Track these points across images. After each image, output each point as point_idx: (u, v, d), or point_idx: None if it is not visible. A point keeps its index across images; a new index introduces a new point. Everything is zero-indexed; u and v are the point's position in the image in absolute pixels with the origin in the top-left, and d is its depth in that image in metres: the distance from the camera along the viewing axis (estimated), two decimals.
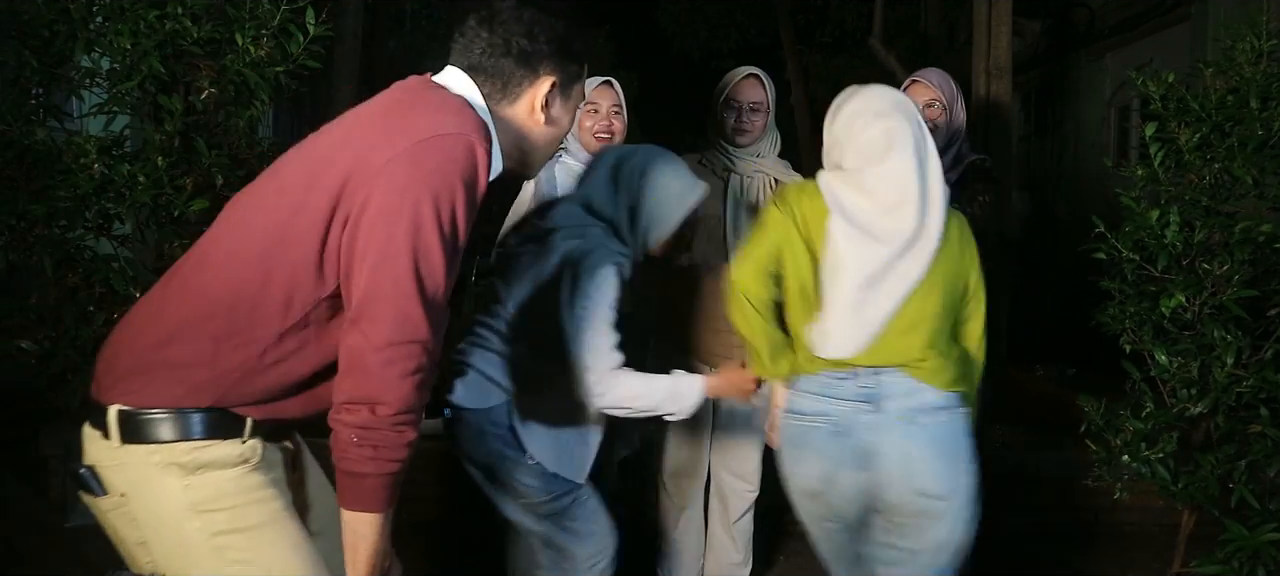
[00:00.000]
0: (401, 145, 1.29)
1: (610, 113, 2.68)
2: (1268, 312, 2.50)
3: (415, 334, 1.27)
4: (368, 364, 1.27)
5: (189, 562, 1.36)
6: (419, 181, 1.27)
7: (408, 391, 1.28)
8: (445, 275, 1.30)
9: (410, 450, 1.32)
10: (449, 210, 1.28)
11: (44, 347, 2.56)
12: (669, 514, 2.89)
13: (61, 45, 2.59)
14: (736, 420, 2.85)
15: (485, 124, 1.38)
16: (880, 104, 1.95)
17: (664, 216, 2.19)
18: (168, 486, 1.33)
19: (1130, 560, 3.26)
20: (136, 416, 1.33)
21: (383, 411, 1.27)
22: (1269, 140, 2.43)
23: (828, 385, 1.95)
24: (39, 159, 2.57)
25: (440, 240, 1.28)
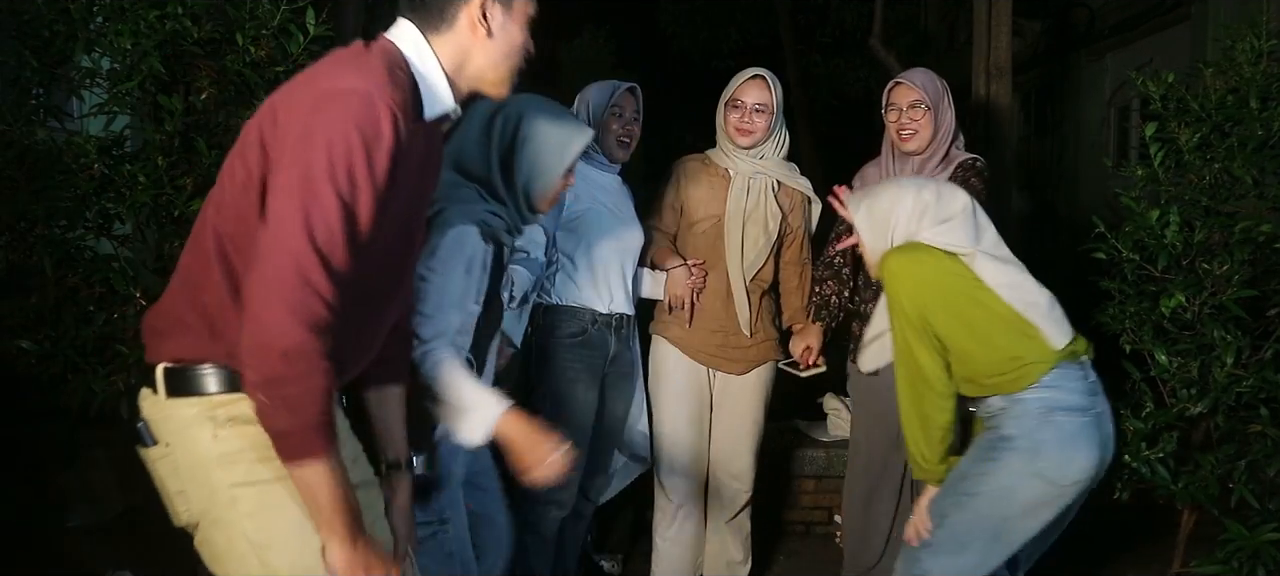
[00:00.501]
0: (302, 106, 1.34)
1: (632, 120, 2.71)
2: (1267, 312, 2.50)
3: (307, 280, 1.28)
4: (258, 312, 1.29)
5: (211, 511, 1.45)
6: (313, 136, 1.31)
7: (301, 337, 1.28)
8: (343, 226, 1.31)
9: (327, 397, 1.33)
10: (345, 163, 1.30)
11: (44, 347, 2.56)
12: (665, 512, 2.89)
13: (61, 45, 2.59)
14: (732, 419, 2.85)
15: (401, 77, 1.42)
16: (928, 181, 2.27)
17: (545, 167, 1.99)
18: (200, 437, 1.43)
19: (1130, 560, 3.26)
20: (177, 372, 1.44)
21: (278, 361, 1.28)
22: (1269, 140, 2.43)
23: (1074, 379, 2.06)
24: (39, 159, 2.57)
25: (335, 192, 1.30)
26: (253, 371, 1.31)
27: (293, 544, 1.44)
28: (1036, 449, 2.01)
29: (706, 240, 2.76)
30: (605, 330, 2.64)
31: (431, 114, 1.49)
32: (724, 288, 2.75)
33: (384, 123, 1.33)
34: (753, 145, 2.74)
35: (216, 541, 1.46)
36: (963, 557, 2.08)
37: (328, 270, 1.30)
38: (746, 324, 2.75)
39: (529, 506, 2.59)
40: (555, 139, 2.00)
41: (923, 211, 2.13)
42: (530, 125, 1.99)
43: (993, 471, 2.04)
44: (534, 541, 2.61)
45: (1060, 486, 2.03)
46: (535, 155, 1.99)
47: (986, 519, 2.06)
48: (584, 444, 2.58)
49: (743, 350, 2.79)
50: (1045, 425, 2.02)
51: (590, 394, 2.61)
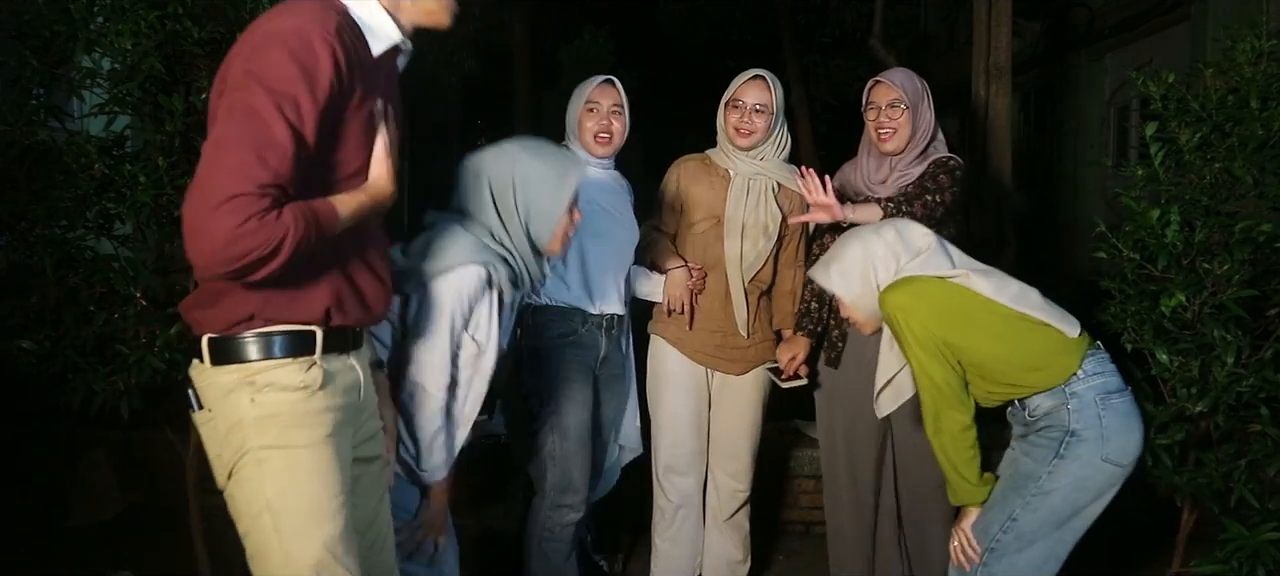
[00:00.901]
0: (242, 54, 1.44)
1: (610, 113, 2.67)
2: (1267, 312, 2.50)
3: (238, 189, 1.34)
4: (199, 225, 1.35)
5: (240, 469, 1.53)
6: (253, 76, 1.40)
7: (232, 254, 1.35)
8: (290, 144, 1.39)
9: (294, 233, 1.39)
10: (289, 93, 1.40)
11: (44, 347, 2.56)
12: (664, 511, 2.89)
13: (62, 46, 2.59)
14: (730, 419, 2.85)
15: (336, 16, 1.49)
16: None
17: (544, 209, 2.07)
18: (240, 402, 1.52)
19: (1130, 560, 3.26)
20: (219, 342, 1.53)
21: (231, 262, 1.36)
22: (1269, 140, 2.43)
23: (1105, 362, 2.16)
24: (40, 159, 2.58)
25: (283, 121, 1.38)
26: (211, 273, 1.39)
27: (304, 515, 1.52)
28: (1104, 436, 2.08)
29: (706, 240, 2.76)
30: (596, 330, 2.64)
31: (378, 49, 1.58)
32: (723, 288, 2.75)
33: (322, 54, 1.42)
34: (752, 146, 2.74)
35: (238, 498, 1.55)
36: (1030, 552, 2.13)
37: (276, 187, 1.37)
38: (744, 325, 2.75)
39: (541, 512, 2.59)
40: (552, 175, 2.07)
41: (894, 252, 2.20)
42: (522, 168, 2.06)
43: (1064, 467, 2.09)
44: (554, 547, 2.60)
45: (1125, 466, 2.11)
46: (533, 195, 2.06)
47: (1058, 511, 2.11)
48: (583, 443, 2.57)
49: (741, 351, 2.79)
50: (1106, 411, 2.09)
51: (584, 393, 2.61)
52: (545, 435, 2.58)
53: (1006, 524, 2.13)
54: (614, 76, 2.73)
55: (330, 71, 1.43)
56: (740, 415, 2.84)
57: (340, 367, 1.61)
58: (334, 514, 1.54)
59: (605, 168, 2.72)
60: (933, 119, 2.67)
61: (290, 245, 1.39)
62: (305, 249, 1.42)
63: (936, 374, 2.11)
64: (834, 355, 2.70)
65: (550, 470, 2.57)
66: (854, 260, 2.23)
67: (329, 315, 1.57)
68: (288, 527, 1.51)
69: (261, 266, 1.38)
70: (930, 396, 2.14)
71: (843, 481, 2.77)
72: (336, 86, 1.45)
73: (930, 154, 2.65)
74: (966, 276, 2.16)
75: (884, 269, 2.20)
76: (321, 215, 1.46)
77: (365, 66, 1.53)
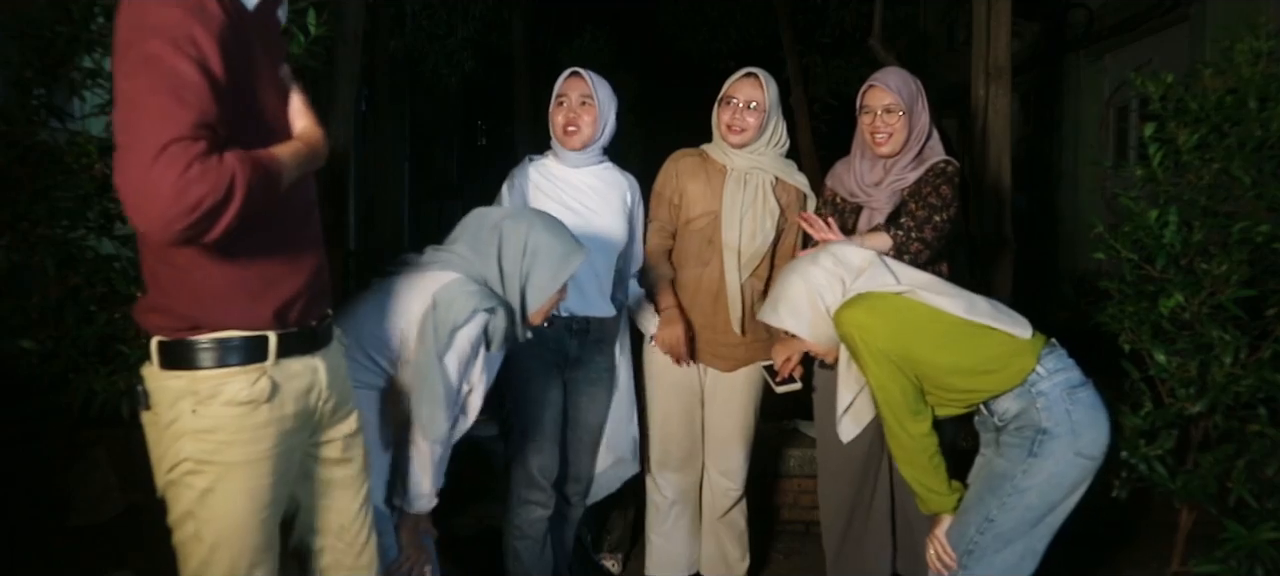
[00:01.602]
0: (124, 25, 1.35)
1: (578, 104, 2.63)
2: (1266, 312, 2.50)
3: (171, 136, 1.26)
4: (140, 186, 1.27)
5: (174, 475, 1.52)
6: (140, 27, 1.32)
7: (185, 204, 1.27)
8: (203, 79, 1.32)
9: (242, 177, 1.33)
10: (182, 32, 1.32)
11: (45, 347, 2.57)
12: (658, 507, 2.90)
13: (63, 46, 2.59)
14: (723, 417, 2.85)
15: None
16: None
17: (543, 282, 2.17)
18: (182, 410, 1.50)
19: (1129, 560, 3.26)
20: (167, 346, 1.51)
21: (167, 211, 1.27)
22: (1267, 141, 2.43)
23: (1064, 357, 2.18)
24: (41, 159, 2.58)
25: (181, 52, 1.31)
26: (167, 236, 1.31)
27: (229, 531, 1.53)
28: (1075, 430, 2.09)
29: (703, 236, 2.76)
30: (563, 332, 2.62)
31: (253, 1, 1.50)
32: (717, 283, 2.75)
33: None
34: (744, 144, 2.73)
35: (170, 497, 1.55)
36: (1007, 551, 2.14)
37: (205, 126, 1.30)
38: (738, 321, 2.75)
39: (512, 509, 2.60)
40: (556, 254, 2.17)
41: (836, 276, 2.23)
42: (535, 240, 2.15)
43: (1038, 465, 2.11)
44: (524, 545, 2.61)
45: (1096, 459, 2.13)
46: (536, 265, 2.16)
47: (1034, 509, 2.12)
48: (546, 438, 2.58)
49: (732, 348, 2.78)
50: (1074, 405, 2.11)
51: (549, 392, 2.60)
52: (511, 433, 2.60)
53: (983, 525, 2.14)
54: (590, 71, 2.69)
55: (218, 12, 1.36)
56: (732, 413, 2.84)
57: (297, 371, 1.57)
58: (255, 529, 1.54)
59: (586, 165, 2.68)
60: (928, 120, 2.66)
61: (242, 187, 1.31)
62: (258, 195, 1.34)
63: (893, 387, 2.13)
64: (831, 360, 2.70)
65: (515, 467, 2.60)
66: (799, 294, 2.26)
67: (280, 317, 1.53)
68: (208, 537, 1.52)
69: (218, 216, 1.29)
70: (889, 410, 2.16)
71: (837, 481, 2.77)
72: (226, 23, 1.37)
73: (927, 156, 2.64)
74: (913, 292, 2.19)
75: (830, 294, 2.23)
76: (264, 160, 1.39)
77: (246, 20, 1.46)
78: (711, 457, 2.88)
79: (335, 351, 1.70)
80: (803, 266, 2.29)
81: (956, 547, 2.19)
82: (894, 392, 2.13)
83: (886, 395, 2.15)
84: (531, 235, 2.16)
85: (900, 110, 2.59)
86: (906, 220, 2.52)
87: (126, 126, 1.29)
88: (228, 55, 1.37)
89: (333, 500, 1.73)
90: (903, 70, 2.72)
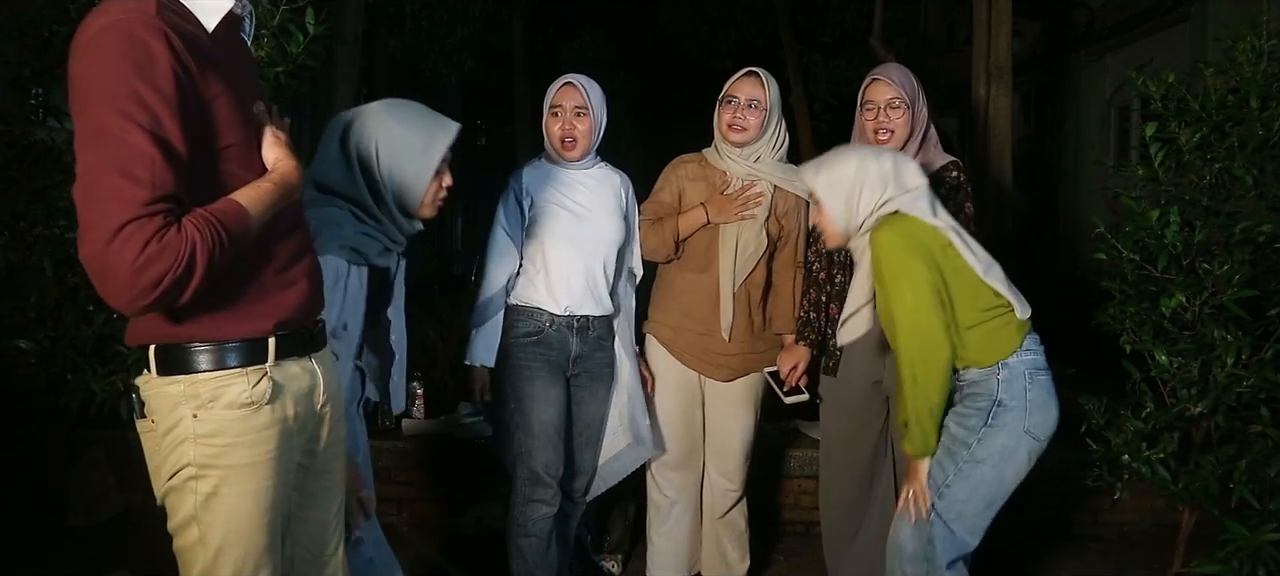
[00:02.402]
0: (73, 61, 1.33)
1: (573, 115, 2.61)
2: (1268, 313, 2.50)
3: (126, 217, 1.25)
4: (100, 267, 1.27)
5: (176, 482, 1.50)
6: (87, 84, 1.31)
7: (145, 282, 1.27)
8: (157, 150, 1.29)
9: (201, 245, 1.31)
10: (129, 93, 1.29)
11: (44, 347, 2.56)
12: (659, 506, 2.89)
13: (62, 46, 2.59)
14: (723, 420, 2.84)
15: (150, 3, 1.37)
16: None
17: (410, 176, 1.93)
18: (183, 415, 1.47)
19: (1130, 560, 3.26)
20: (164, 351, 1.47)
21: (129, 290, 1.27)
22: (1269, 140, 2.43)
23: (1037, 341, 2.19)
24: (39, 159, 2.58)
25: (134, 124, 1.28)
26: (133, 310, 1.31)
27: (235, 534, 1.51)
28: (1027, 408, 2.12)
29: (702, 243, 2.75)
30: (565, 331, 2.62)
31: (212, 23, 1.46)
32: (712, 290, 2.74)
33: (150, 40, 1.32)
34: (745, 143, 2.71)
35: (171, 503, 1.52)
36: (960, 525, 2.16)
37: (141, 197, 1.27)
38: (727, 329, 2.73)
39: (516, 508, 2.60)
40: (416, 143, 1.93)
41: (885, 179, 2.19)
42: (385, 134, 1.91)
43: (992, 436, 2.13)
44: (529, 544, 2.61)
45: (1041, 442, 2.15)
46: (396, 164, 1.91)
47: (988, 483, 2.14)
48: (551, 440, 2.57)
49: (726, 358, 2.77)
50: (1032, 386, 2.14)
51: (551, 391, 2.59)
52: (513, 432, 2.59)
53: (941, 489, 2.16)
54: (581, 77, 2.67)
55: (166, 56, 1.32)
56: (731, 417, 2.83)
57: (295, 373, 1.56)
58: (260, 531, 1.53)
59: (582, 167, 2.67)
60: (927, 116, 2.63)
61: (203, 258, 1.30)
62: (222, 256, 1.34)
63: (926, 312, 2.10)
64: (832, 364, 2.69)
65: (519, 467, 2.59)
66: (846, 173, 2.21)
67: (277, 323, 1.51)
68: (213, 541, 1.50)
69: (183, 287, 1.30)
70: (917, 338, 2.11)
71: (839, 485, 2.77)
72: (179, 68, 1.33)
73: (932, 157, 2.62)
74: (947, 231, 2.17)
75: (871, 194, 2.19)
76: (226, 218, 1.36)
77: (205, 48, 1.41)
78: (711, 458, 2.88)
79: (329, 357, 1.69)
80: (865, 153, 2.24)
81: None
82: (925, 319, 2.10)
83: (916, 321, 2.10)
84: (380, 136, 1.91)
85: (903, 103, 2.56)
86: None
87: (84, 203, 1.28)
88: (183, 95, 1.34)
89: (311, 512, 1.71)
90: (903, 66, 2.70)
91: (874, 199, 2.18)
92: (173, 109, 1.31)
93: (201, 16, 1.45)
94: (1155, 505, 3.20)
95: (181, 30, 1.37)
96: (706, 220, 2.71)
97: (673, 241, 2.72)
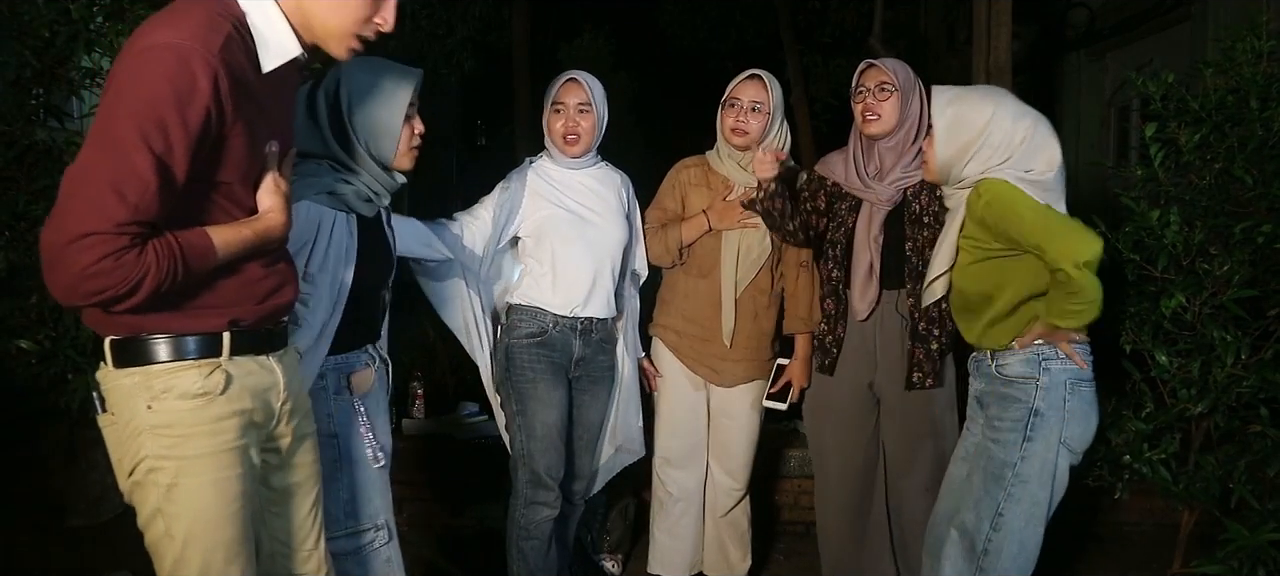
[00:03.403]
0: (122, 61, 1.36)
1: (576, 112, 2.61)
2: (1267, 313, 2.50)
3: (95, 228, 1.29)
4: (53, 259, 1.31)
5: (136, 475, 1.51)
6: (124, 93, 1.33)
7: (86, 289, 1.32)
8: (156, 178, 1.32)
9: (158, 266, 1.36)
10: (154, 119, 1.32)
11: (44, 347, 2.56)
12: (663, 503, 2.89)
13: (62, 46, 2.59)
14: (727, 421, 2.84)
15: (226, 30, 1.40)
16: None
17: (379, 124, 1.98)
18: (138, 407, 1.48)
19: (1130, 560, 3.26)
20: (120, 344, 1.48)
21: (71, 290, 1.32)
22: (1269, 141, 2.43)
23: (1088, 349, 2.14)
24: (39, 159, 2.58)
25: (146, 148, 1.31)
26: (67, 304, 1.37)
27: (201, 526, 1.51)
28: (1064, 419, 2.08)
29: (705, 248, 2.75)
30: (568, 332, 2.61)
31: (270, 65, 1.48)
32: (716, 296, 2.74)
33: (200, 77, 1.34)
34: (747, 146, 2.72)
35: (136, 498, 1.54)
36: (1022, 554, 2.12)
37: (122, 218, 1.30)
38: (728, 334, 2.74)
39: (518, 510, 2.60)
40: (381, 92, 1.98)
41: (1011, 151, 2.07)
42: (349, 87, 1.97)
43: (1032, 449, 2.09)
44: (531, 545, 2.60)
45: (1076, 454, 2.11)
46: (365, 115, 1.97)
47: (1037, 500, 2.10)
48: (553, 442, 2.57)
49: (728, 364, 2.77)
50: (1072, 397, 2.09)
51: (554, 393, 2.59)
52: (515, 433, 2.59)
53: (996, 520, 2.11)
54: (584, 73, 2.66)
55: (207, 97, 1.35)
56: (735, 419, 2.84)
57: (252, 369, 1.56)
58: (226, 521, 1.53)
59: (584, 166, 2.67)
60: (923, 113, 2.57)
61: (150, 285, 1.35)
62: (169, 286, 1.38)
63: (1053, 213, 2.03)
64: (828, 362, 2.68)
65: (521, 468, 2.59)
66: (973, 124, 2.09)
67: (232, 321, 1.53)
68: (179, 533, 1.51)
69: (117, 303, 1.35)
70: (1051, 225, 2.01)
71: (833, 484, 2.76)
72: (213, 112, 1.37)
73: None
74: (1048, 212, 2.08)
75: (988, 155, 2.08)
76: (191, 252, 1.40)
77: (250, 87, 1.44)
78: (716, 457, 2.88)
79: (292, 356, 1.69)
80: (1005, 111, 2.09)
81: (974, 546, 2.15)
82: (1056, 217, 2.02)
83: (1051, 220, 2.01)
84: (347, 87, 1.97)
85: (893, 88, 2.52)
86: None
87: (67, 192, 1.32)
88: (205, 133, 1.36)
89: (284, 508, 1.71)
90: (903, 62, 2.66)
91: (987, 161, 2.09)
92: (189, 145, 1.35)
93: (263, 54, 1.48)
94: (1155, 505, 3.20)
95: (234, 67, 1.40)
96: (709, 227, 2.72)
97: (677, 248, 2.73)
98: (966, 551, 2.16)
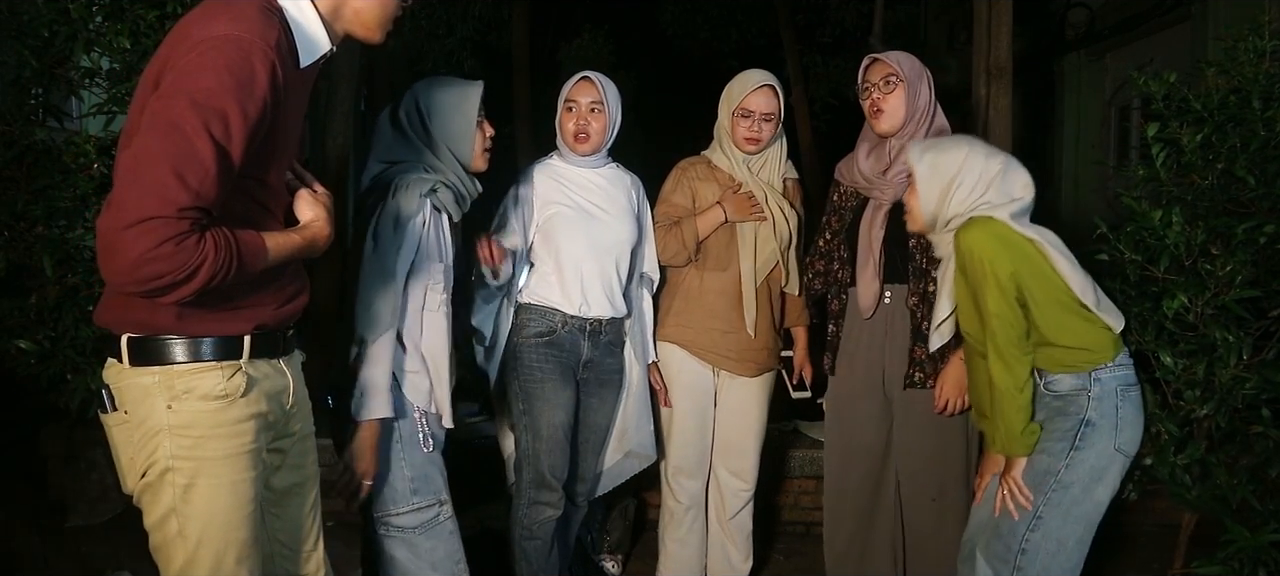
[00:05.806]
0: (182, 49, 1.36)
1: (588, 110, 2.62)
2: (1269, 313, 2.49)
3: (156, 212, 1.29)
4: (112, 243, 1.30)
5: (150, 476, 1.50)
6: (186, 80, 1.33)
7: (143, 274, 1.31)
8: (217, 166, 1.33)
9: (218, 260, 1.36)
10: (217, 107, 1.33)
11: (44, 347, 2.56)
12: (674, 512, 2.89)
13: (61, 45, 2.59)
14: (738, 418, 2.85)
15: (275, 24, 1.43)
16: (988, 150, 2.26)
17: (456, 130, 2.27)
18: (156, 406, 1.47)
19: (1130, 560, 3.25)
20: (139, 342, 1.48)
21: (145, 281, 1.31)
22: (1271, 141, 2.42)
23: (1129, 355, 2.19)
24: (39, 159, 2.57)
25: (208, 136, 1.32)
26: (121, 290, 1.38)
27: (215, 527, 1.51)
28: (1118, 425, 2.10)
29: (720, 243, 2.75)
30: (577, 333, 2.62)
31: (307, 59, 1.52)
32: (735, 289, 2.75)
33: (259, 70, 1.36)
34: (759, 152, 2.76)
35: (146, 499, 1.52)
36: (1062, 556, 2.12)
37: (183, 206, 1.30)
38: (751, 324, 2.75)
39: (521, 510, 2.59)
40: (452, 102, 2.28)
41: (988, 182, 2.14)
42: (428, 101, 2.28)
43: (1080, 457, 2.10)
44: (533, 546, 2.60)
45: (1129, 456, 2.13)
46: (444, 122, 2.26)
47: (1080, 504, 2.11)
48: (559, 442, 2.57)
49: (753, 352, 2.79)
50: (1124, 403, 2.12)
51: (561, 394, 2.59)
52: (520, 433, 2.59)
53: (1033, 522, 2.11)
54: (598, 73, 2.68)
55: (266, 89, 1.37)
56: (746, 414, 2.84)
57: (267, 371, 1.57)
58: (239, 524, 1.53)
59: (593, 166, 2.68)
60: (932, 102, 2.57)
61: (206, 274, 1.34)
62: (222, 280, 1.37)
63: (1009, 316, 2.08)
64: (834, 361, 2.69)
65: (525, 468, 2.59)
66: (950, 163, 2.17)
67: (258, 324, 1.53)
68: (193, 533, 1.50)
69: (173, 290, 1.33)
70: (999, 342, 2.09)
71: (842, 485, 2.76)
72: (269, 104, 1.38)
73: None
74: (1042, 244, 2.13)
75: (968, 191, 2.15)
76: (246, 249, 1.40)
77: (289, 79, 1.46)
78: (723, 459, 2.88)
79: (297, 361, 1.70)
80: (978, 151, 2.20)
81: (1010, 547, 2.14)
82: (1008, 323, 2.08)
83: (1001, 324, 2.09)
84: (425, 102, 2.27)
85: (898, 80, 2.51)
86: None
87: (125, 179, 1.31)
88: (260, 125, 1.38)
89: (285, 507, 1.72)
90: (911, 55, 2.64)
91: (968, 198, 2.14)
92: (246, 135, 1.36)
93: (302, 50, 1.50)
94: (1157, 505, 3.20)
95: (285, 64, 1.42)
96: (725, 218, 2.72)
97: (693, 242, 2.72)
98: (1001, 553, 2.16)
